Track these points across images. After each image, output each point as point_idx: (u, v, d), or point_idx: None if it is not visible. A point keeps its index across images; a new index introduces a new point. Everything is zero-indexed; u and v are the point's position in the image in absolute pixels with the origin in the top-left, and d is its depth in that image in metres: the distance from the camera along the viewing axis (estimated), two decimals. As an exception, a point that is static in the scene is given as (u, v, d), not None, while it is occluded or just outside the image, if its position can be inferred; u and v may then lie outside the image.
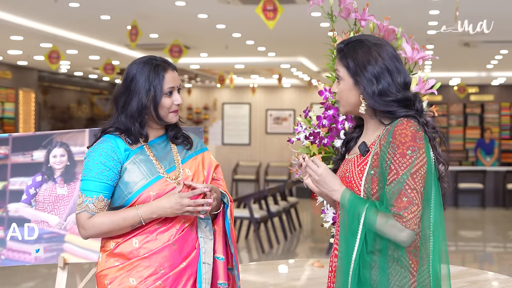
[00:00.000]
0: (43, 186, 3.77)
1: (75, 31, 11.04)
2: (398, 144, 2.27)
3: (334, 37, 3.49)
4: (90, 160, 2.70)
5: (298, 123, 3.43)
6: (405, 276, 2.30)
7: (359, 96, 2.41)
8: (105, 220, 2.64)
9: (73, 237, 3.71)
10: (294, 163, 3.43)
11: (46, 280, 8.07)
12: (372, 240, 2.28)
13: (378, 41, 2.43)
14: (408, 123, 2.30)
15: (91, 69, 16.65)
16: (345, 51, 2.44)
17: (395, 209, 2.24)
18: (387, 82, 2.36)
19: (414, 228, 2.24)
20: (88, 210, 2.65)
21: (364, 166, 2.37)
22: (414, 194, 2.24)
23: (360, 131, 2.57)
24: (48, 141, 3.80)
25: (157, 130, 2.82)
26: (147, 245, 2.67)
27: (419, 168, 2.26)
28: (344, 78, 2.44)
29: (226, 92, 20.64)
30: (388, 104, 2.36)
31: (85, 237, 2.72)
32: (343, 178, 2.43)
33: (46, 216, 3.74)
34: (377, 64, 2.37)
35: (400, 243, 2.26)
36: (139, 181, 2.68)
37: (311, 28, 10.18)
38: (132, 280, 2.64)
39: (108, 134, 2.75)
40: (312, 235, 11.96)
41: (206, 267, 2.72)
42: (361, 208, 2.28)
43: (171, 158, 2.79)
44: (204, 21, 9.81)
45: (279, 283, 3.50)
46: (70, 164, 3.79)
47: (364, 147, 2.40)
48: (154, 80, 2.70)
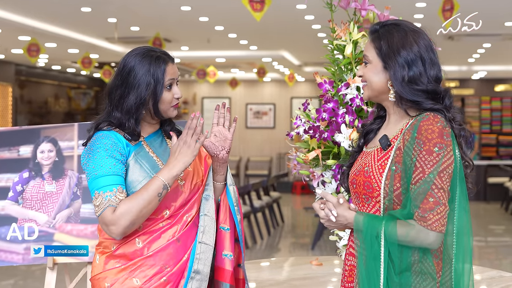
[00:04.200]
0: (31, 183, 3.61)
1: (55, 24, 10.82)
2: (424, 141, 2.15)
3: (333, 28, 3.38)
4: (98, 157, 2.52)
5: (297, 117, 3.31)
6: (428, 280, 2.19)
7: (386, 82, 2.29)
8: (130, 204, 2.44)
9: (63, 236, 3.55)
10: (291, 157, 3.33)
11: (25, 277, 7.91)
12: (398, 258, 2.16)
13: (416, 28, 2.32)
14: (435, 118, 2.18)
15: (69, 62, 16.43)
16: (380, 32, 2.32)
17: (420, 211, 2.12)
18: (419, 71, 2.24)
19: (441, 230, 2.12)
20: (111, 204, 2.45)
21: (386, 161, 2.24)
22: (441, 194, 2.13)
23: (381, 123, 2.44)
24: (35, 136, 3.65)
25: (153, 126, 2.70)
26: (151, 244, 2.55)
27: (447, 167, 2.14)
28: (372, 61, 2.32)
29: (205, 86, 20.51)
30: (416, 93, 2.23)
31: (119, 235, 2.48)
32: (361, 173, 2.31)
33: (34, 214, 3.58)
34: (411, 50, 2.25)
35: (428, 246, 2.14)
36: (142, 179, 2.55)
37: (295, 21, 10.09)
38: (136, 281, 2.52)
39: (104, 130, 2.60)
40: (294, 230, 11.88)
41: (202, 247, 2.58)
42: (378, 227, 2.17)
43: (169, 154, 2.66)
44: (187, 14, 9.67)
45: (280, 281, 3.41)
46: (58, 159, 3.63)
47: (386, 140, 2.27)
48: (155, 73, 2.56)
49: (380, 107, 2.45)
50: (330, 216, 2.27)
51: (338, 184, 3.17)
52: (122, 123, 2.58)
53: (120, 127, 2.59)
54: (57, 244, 3.56)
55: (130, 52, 2.64)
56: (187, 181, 2.64)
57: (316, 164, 3.26)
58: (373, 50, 2.32)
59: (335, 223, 2.29)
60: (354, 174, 2.37)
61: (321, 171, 3.25)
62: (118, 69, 2.61)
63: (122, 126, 2.59)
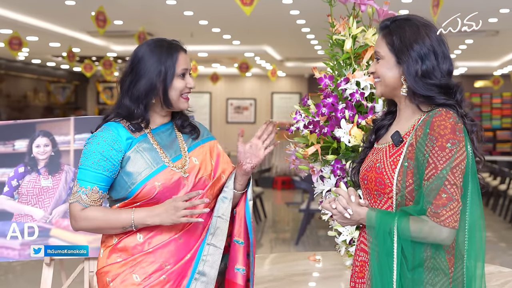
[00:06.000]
0: (26, 178, 3.57)
1: (38, 17, 10.71)
2: (437, 136, 2.14)
3: (332, 22, 3.37)
4: (88, 149, 2.53)
5: (297, 112, 3.29)
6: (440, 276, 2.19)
7: (399, 77, 2.28)
8: (98, 215, 2.50)
9: (60, 231, 3.52)
10: (288, 152, 3.32)
11: (6, 273, 7.82)
12: (411, 254, 2.16)
13: (427, 22, 2.31)
14: (447, 114, 2.17)
15: (49, 56, 16.28)
16: (391, 28, 2.30)
17: (432, 207, 2.12)
18: (432, 65, 2.23)
19: (454, 226, 2.12)
20: (80, 201, 2.49)
21: (398, 157, 2.23)
22: (454, 190, 2.12)
23: (392, 118, 2.42)
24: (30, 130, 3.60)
25: (163, 117, 2.66)
26: (152, 240, 2.53)
27: (460, 163, 2.13)
28: (385, 57, 2.30)
29: (186, 81, 20.40)
30: (429, 87, 2.23)
31: (75, 229, 2.56)
32: (373, 169, 2.29)
33: (30, 210, 3.54)
34: (424, 44, 2.23)
35: (441, 242, 2.14)
36: (142, 171, 2.52)
37: (280, 15, 10.08)
38: (135, 277, 2.50)
39: (110, 121, 2.59)
40: (275, 225, 11.88)
41: (211, 249, 2.56)
42: (391, 223, 2.16)
43: (177, 146, 2.64)
44: (172, 8, 9.61)
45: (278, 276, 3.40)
46: (54, 154, 3.59)
47: (398, 137, 2.26)
48: (166, 61, 2.55)
49: (391, 103, 2.44)
50: (345, 213, 2.26)
51: (337, 179, 3.17)
52: (131, 111, 2.56)
53: (128, 117, 2.57)
54: (54, 240, 3.52)
55: (142, 43, 2.64)
56: (191, 174, 2.60)
57: (315, 159, 3.25)
58: (385, 45, 2.31)
59: (349, 220, 2.29)
60: (365, 170, 2.36)
61: (320, 166, 3.24)
62: (130, 58, 2.61)
63: (130, 115, 2.57)
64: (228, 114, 20.50)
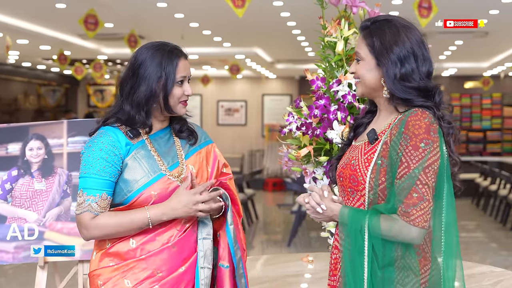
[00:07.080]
0: (20, 181, 3.57)
1: (28, 20, 10.69)
2: (411, 136, 2.15)
3: (324, 24, 3.38)
4: (91, 156, 2.50)
5: (290, 114, 3.31)
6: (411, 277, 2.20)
7: (379, 79, 2.29)
8: (110, 221, 2.46)
9: (53, 234, 3.52)
10: (281, 154, 3.33)
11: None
12: (381, 252, 2.17)
13: (407, 23, 2.30)
14: (422, 114, 2.18)
15: (40, 59, 16.24)
16: (371, 29, 2.30)
17: (403, 206, 2.13)
18: (411, 68, 2.23)
19: (424, 226, 2.13)
20: (91, 210, 2.46)
21: (372, 155, 2.25)
22: (426, 190, 2.13)
23: (371, 117, 2.44)
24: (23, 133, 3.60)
25: (162, 122, 2.65)
26: (145, 246, 2.51)
27: (432, 163, 2.14)
28: (365, 58, 2.31)
29: (176, 83, 20.37)
30: (408, 90, 2.23)
31: (87, 238, 2.53)
32: (348, 166, 2.31)
33: (24, 213, 3.54)
34: (404, 46, 2.24)
35: (411, 241, 2.15)
36: (140, 179, 2.51)
37: (271, 17, 10.09)
38: (127, 282, 2.48)
39: (108, 126, 2.57)
40: (266, 227, 11.89)
41: (206, 271, 2.56)
42: (362, 221, 2.17)
43: (174, 153, 2.63)
44: (162, 10, 9.61)
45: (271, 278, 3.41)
46: (47, 157, 3.59)
47: (373, 134, 2.28)
48: (167, 67, 2.52)
49: (372, 102, 2.45)
50: (318, 208, 2.28)
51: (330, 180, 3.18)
52: (131, 116, 2.54)
53: (128, 122, 2.56)
54: (49, 243, 3.52)
55: (143, 46, 2.61)
56: (187, 182, 2.57)
57: (307, 160, 3.27)
58: (365, 47, 2.31)
59: (322, 215, 2.30)
60: (341, 167, 2.37)
61: (313, 168, 3.26)
62: (130, 61, 2.58)
63: (130, 121, 2.55)
64: (219, 116, 20.50)
